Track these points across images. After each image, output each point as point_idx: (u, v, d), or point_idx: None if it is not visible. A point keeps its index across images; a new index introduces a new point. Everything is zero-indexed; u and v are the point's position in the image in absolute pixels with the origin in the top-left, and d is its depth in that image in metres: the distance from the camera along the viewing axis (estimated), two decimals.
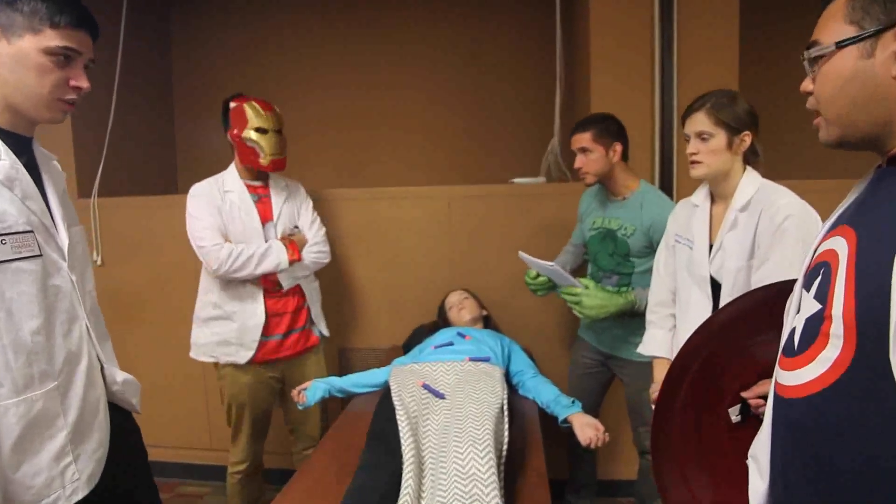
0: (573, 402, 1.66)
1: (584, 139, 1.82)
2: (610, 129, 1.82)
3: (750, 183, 1.38)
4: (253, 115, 1.92)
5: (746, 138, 1.37)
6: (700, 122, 1.38)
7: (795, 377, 0.65)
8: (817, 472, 0.61)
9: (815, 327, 0.63)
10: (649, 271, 1.84)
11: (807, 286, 0.68)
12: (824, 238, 0.69)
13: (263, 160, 1.91)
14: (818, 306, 0.63)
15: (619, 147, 1.83)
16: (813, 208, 1.28)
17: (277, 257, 1.91)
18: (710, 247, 1.44)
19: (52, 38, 0.99)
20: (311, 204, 2.13)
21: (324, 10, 3.16)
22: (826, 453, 0.60)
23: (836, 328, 0.59)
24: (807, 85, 0.70)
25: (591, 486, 2.26)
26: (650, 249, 1.83)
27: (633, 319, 1.86)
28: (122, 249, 2.60)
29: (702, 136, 1.38)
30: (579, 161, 1.85)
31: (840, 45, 0.64)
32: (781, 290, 0.84)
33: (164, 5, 3.22)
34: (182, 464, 2.66)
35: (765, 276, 1.28)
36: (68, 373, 1.06)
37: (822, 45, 0.66)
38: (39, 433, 1.00)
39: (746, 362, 0.99)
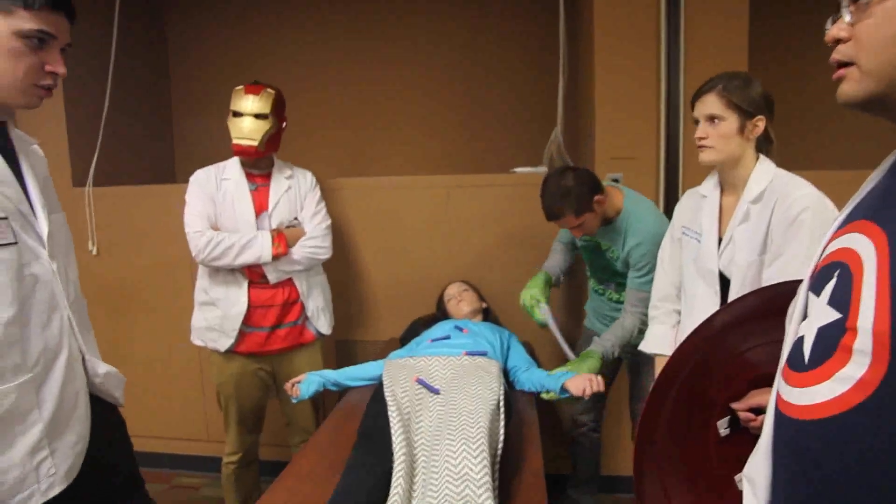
0: (565, 371, 1.67)
1: (570, 221, 1.72)
2: (584, 195, 1.69)
3: (763, 172, 1.31)
4: (234, 98, 1.89)
5: (760, 123, 1.30)
6: (710, 104, 1.31)
7: (805, 395, 0.56)
8: None
9: (833, 339, 0.54)
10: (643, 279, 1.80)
11: (815, 290, 0.60)
12: (836, 234, 0.61)
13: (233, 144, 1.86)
14: (836, 315, 0.55)
15: (600, 198, 1.72)
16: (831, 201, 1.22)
17: (259, 249, 1.85)
18: (720, 240, 1.38)
19: (25, 21, 0.94)
20: (317, 195, 2.05)
21: None
22: (842, 486, 0.52)
23: (863, 343, 0.51)
24: (838, 32, 0.59)
25: (593, 482, 2.22)
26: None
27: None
28: (118, 239, 2.57)
29: (712, 120, 1.31)
30: (578, 233, 1.78)
31: None
32: (782, 293, 0.76)
33: None
34: (178, 455, 2.63)
35: (777, 272, 1.22)
36: (45, 365, 1.02)
37: None
38: (12, 427, 0.96)
39: (738, 369, 0.93)
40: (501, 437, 1.33)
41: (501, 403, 1.42)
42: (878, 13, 0.55)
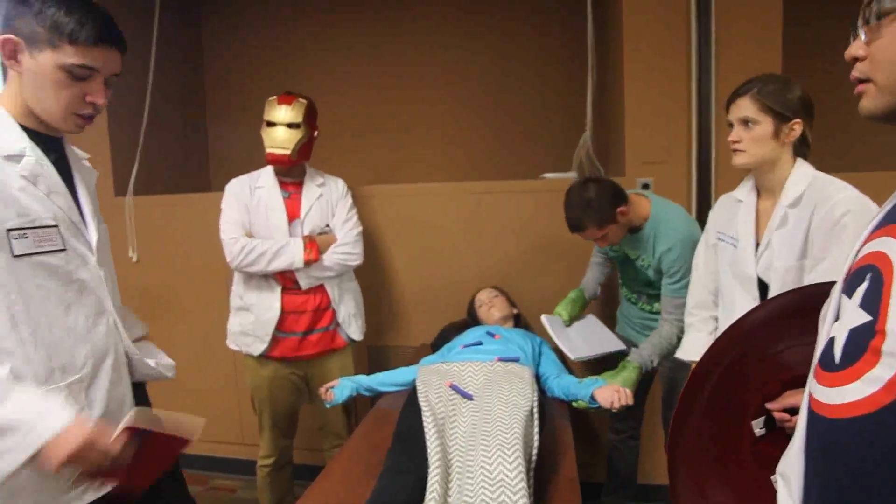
0: (595, 380, 1.64)
1: (593, 234, 1.72)
2: (606, 207, 1.68)
3: (801, 176, 1.28)
4: (267, 108, 1.93)
5: (796, 127, 1.28)
6: (744, 107, 1.30)
7: (836, 395, 0.58)
8: (861, 501, 0.54)
9: (863, 341, 0.56)
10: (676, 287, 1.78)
11: (848, 292, 0.61)
12: (870, 237, 0.62)
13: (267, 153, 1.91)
14: (866, 317, 0.56)
15: (624, 209, 1.70)
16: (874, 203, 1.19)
17: (291, 256, 1.89)
18: (757, 245, 1.35)
19: (69, 55, 0.98)
20: (349, 202, 2.08)
21: (353, 7, 3.15)
22: (872, 483, 0.53)
23: (892, 345, 0.52)
24: (856, 50, 0.62)
25: (628, 489, 2.19)
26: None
27: None
28: (157, 246, 2.65)
29: (745, 123, 1.30)
30: (602, 244, 1.78)
31: None
32: (817, 294, 0.77)
33: (195, 7, 3.27)
34: (215, 457, 2.70)
35: (820, 277, 1.19)
36: (93, 367, 1.07)
37: None
38: None
39: (772, 370, 0.92)
40: (536, 444, 1.33)
41: (535, 410, 1.42)
42: (889, 33, 0.58)
